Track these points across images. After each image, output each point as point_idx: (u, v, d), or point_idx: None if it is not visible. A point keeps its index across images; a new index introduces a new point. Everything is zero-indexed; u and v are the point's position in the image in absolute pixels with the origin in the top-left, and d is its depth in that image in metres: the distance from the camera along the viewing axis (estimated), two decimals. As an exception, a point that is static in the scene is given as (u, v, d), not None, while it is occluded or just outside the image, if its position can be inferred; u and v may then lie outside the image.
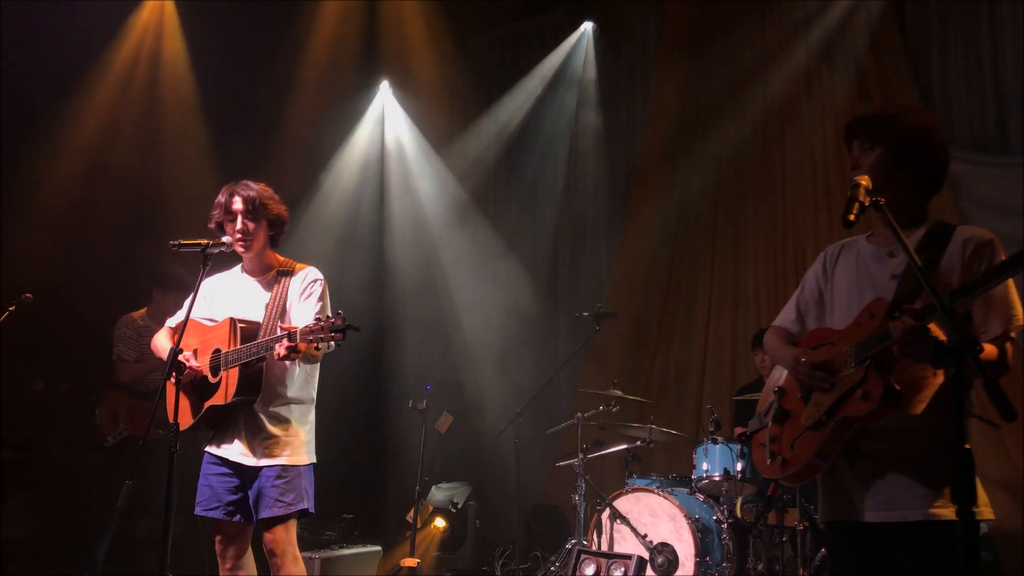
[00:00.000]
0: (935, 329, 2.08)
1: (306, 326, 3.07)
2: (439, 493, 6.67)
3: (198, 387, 3.46)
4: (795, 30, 6.94)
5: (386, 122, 8.41)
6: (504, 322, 7.73)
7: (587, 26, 7.98)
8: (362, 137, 8.21)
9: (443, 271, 8.03)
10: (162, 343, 3.60)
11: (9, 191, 6.31)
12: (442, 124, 8.31)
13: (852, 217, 2.16)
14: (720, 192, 7.26)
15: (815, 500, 3.43)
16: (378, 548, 5.97)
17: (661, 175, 7.60)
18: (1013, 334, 2.27)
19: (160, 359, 3.50)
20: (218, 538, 3.45)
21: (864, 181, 2.24)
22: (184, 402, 3.49)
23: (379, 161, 8.29)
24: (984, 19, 6.20)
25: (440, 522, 6.49)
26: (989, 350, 2.22)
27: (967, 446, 2.24)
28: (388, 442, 7.89)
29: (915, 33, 6.51)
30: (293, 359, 3.17)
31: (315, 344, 3.05)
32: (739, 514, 5.02)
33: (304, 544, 5.61)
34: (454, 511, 6.51)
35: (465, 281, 7.94)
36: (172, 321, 3.68)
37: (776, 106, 7.01)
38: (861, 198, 2.19)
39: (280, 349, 3.09)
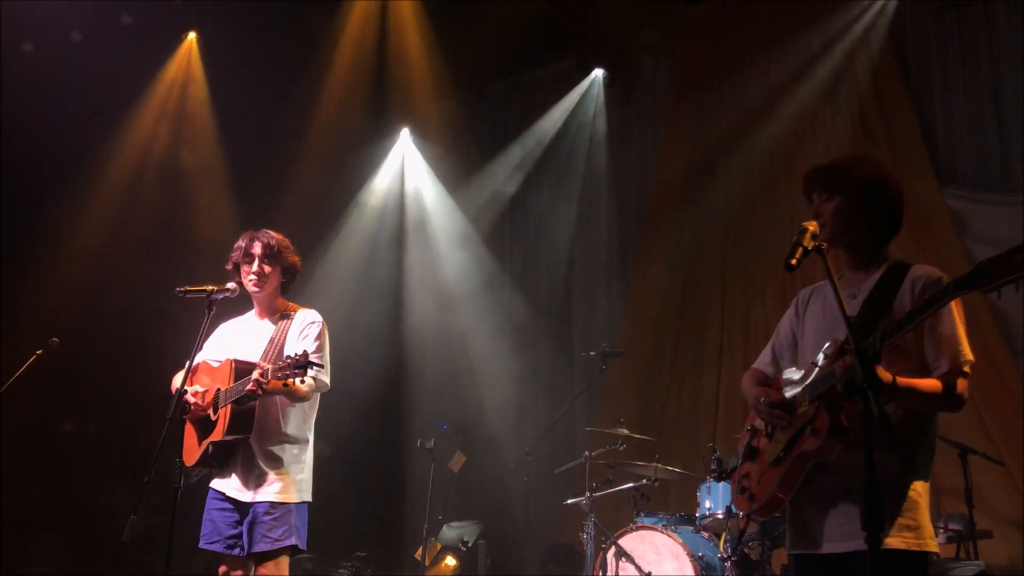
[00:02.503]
0: (880, 370, 2.18)
1: (275, 363, 3.25)
2: (450, 532, 6.73)
3: (204, 425, 3.64)
4: (800, 75, 7.09)
5: (406, 169, 8.69)
6: (520, 363, 7.86)
7: (597, 73, 8.22)
8: (381, 183, 8.48)
9: (460, 315, 8.19)
10: (176, 384, 3.79)
11: (39, 239, 6.64)
12: (458, 169, 8.56)
13: (794, 261, 2.27)
14: (729, 232, 7.38)
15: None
16: (389, 586, 6.06)
17: (671, 217, 7.74)
18: (966, 368, 2.35)
19: None
20: (221, 570, 3.58)
21: (812, 227, 2.37)
22: (192, 440, 3.67)
23: (398, 207, 8.54)
24: (985, 59, 6.31)
25: (451, 560, 6.55)
26: (932, 384, 2.31)
27: (921, 482, 2.35)
28: (406, 481, 8.00)
29: (917, 74, 6.63)
30: (259, 396, 3.34)
31: (283, 380, 3.20)
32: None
33: (316, 581, 5.76)
34: (464, 549, 6.56)
35: (481, 324, 8.08)
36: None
37: (783, 148, 7.16)
38: (805, 243, 2.31)
39: (250, 383, 3.27)
